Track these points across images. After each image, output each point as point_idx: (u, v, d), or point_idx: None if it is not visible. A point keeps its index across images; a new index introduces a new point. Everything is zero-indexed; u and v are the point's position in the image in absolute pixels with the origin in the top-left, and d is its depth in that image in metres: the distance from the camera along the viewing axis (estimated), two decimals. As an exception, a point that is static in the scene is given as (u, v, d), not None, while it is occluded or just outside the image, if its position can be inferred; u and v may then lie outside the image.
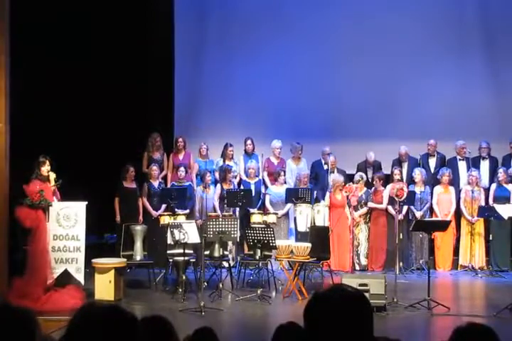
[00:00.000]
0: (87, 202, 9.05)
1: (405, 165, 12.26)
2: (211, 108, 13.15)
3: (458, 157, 12.30)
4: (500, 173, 11.66)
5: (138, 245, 10.01)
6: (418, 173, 11.51)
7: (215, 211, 11.44)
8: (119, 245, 10.18)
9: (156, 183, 11.56)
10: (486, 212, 11.03)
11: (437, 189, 11.84)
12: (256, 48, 13.10)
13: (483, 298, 10.09)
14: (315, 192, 11.63)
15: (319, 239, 9.87)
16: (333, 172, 11.78)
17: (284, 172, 11.93)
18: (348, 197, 11.05)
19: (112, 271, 8.97)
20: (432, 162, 12.42)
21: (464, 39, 12.90)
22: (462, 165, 12.24)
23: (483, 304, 9.45)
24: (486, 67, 12.84)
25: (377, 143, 12.44)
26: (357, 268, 11.46)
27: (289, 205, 11.52)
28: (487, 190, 11.83)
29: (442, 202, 11.77)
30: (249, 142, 12.28)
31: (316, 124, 12.74)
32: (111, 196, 11.17)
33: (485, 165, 12.25)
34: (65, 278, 8.94)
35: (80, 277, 8.98)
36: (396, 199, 9.45)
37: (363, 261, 11.51)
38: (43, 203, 8.63)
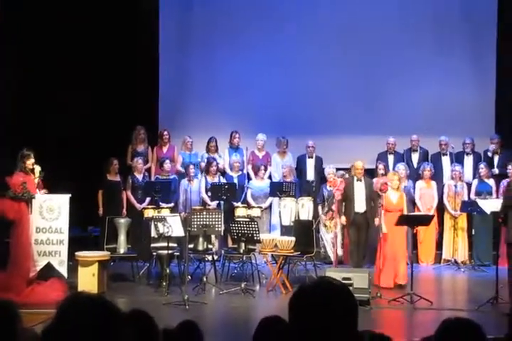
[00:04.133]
0: (70, 195, 8.99)
1: (390, 160, 12.32)
2: (196, 101, 13.11)
3: (441, 152, 12.37)
4: (482, 168, 11.75)
5: (122, 238, 9.98)
6: (402, 168, 11.54)
7: (203, 203, 11.41)
8: (102, 238, 10.14)
9: (140, 176, 11.52)
10: (469, 207, 11.09)
11: (419, 184, 11.90)
12: (242, 42, 13.06)
13: (466, 292, 10.15)
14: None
15: (303, 232, 9.89)
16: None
17: (266, 166, 11.95)
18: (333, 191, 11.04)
19: (96, 264, 8.93)
20: (415, 157, 12.49)
21: (447, 35, 12.97)
22: (446, 161, 12.32)
23: (466, 298, 9.51)
24: (470, 63, 12.90)
25: (362, 138, 12.48)
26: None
27: (271, 199, 11.54)
28: (470, 185, 11.91)
29: (425, 196, 11.83)
30: (236, 135, 12.26)
31: (302, 119, 12.73)
32: (95, 189, 11.11)
33: (469, 160, 12.34)
34: (48, 271, 8.89)
35: (63, 270, 8.94)
36: (380, 193, 9.50)
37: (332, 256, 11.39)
38: (25, 195, 8.57)
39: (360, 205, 10.17)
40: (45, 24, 11.80)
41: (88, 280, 8.82)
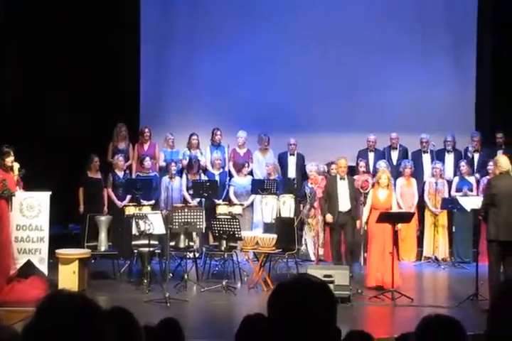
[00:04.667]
0: (51, 192, 8.95)
1: (371, 157, 12.37)
2: (177, 98, 13.09)
3: (422, 150, 12.43)
4: (463, 166, 11.82)
5: (102, 236, 9.93)
6: (383, 165, 11.56)
7: (185, 201, 11.40)
8: (83, 236, 10.08)
9: (121, 174, 11.48)
10: (449, 204, 11.16)
11: (400, 181, 11.95)
12: (223, 40, 13.05)
13: (446, 288, 10.22)
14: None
15: (285, 230, 9.89)
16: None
17: (249, 163, 11.95)
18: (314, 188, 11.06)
19: (76, 262, 8.89)
20: (395, 155, 12.55)
21: (427, 34, 13.04)
22: (426, 158, 12.38)
23: (446, 295, 9.58)
24: (450, 60, 13.00)
25: (343, 136, 12.52)
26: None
27: (253, 196, 11.54)
28: (451, 183, 11.98)
29: (406, 194, 11.89)
30: (218, 132, 12.26)
31: (284, 116, 12.75)
32: (75, 186, 11.07)
33: (449, 158, 12.42)
34: (28, 268, 8.84)
35: (43, 268, 8.89)
36: (361, 191, 9.47)
37: (312, 253, 11.40)
38: (5, 193, 8.51)
39: (344, 204, 9.98)
40: (28, 22, 11.72)
41: (69, 278, 8.78)
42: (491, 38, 12.77)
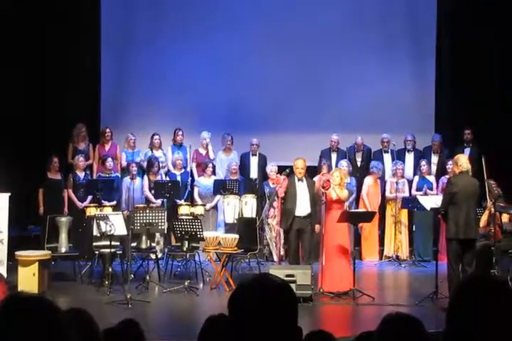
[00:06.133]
0: (10, 194, 8.84)
1: (333, 157, 12.44)
2: (139, 98, 13.01)
3: (383, 149, 12.54)
4: (424, 165, 11.95)
5: (63, 237, 9.85)
6: (345, 164, 11.63)
7: (147, 202, 11.34)
8: (43, 237, 9.99)
9: (81, 174, 11.38)
10: (409, 204, 11.27)
11: (368, 180, 11.99)
12: (186, 38, 13.00)
13: (407, 287, 10.32)
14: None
15: (247, 230, 9.90)
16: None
17: (212, 163, 11.92)
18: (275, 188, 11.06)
19: (36, 264, 8.79)
20: (359, 156, 12.64)
21: (389, 33, 13.15)
22: (387, 158, 12.50)
23: (407, 293, 9.68)
24: (411, 60, 13.14)
25: (305, 135, 12.58)
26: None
27: (218, 197, 11.51)
28: (411, 182, 12.11)
29: (371, 194, 11.94)
30: (180, 133, 12.22)
31: (246, 116, 12.77)
32: (35, 187, 10.95)
33: (410, 157, 12.55)
34: (-13, 271, 8.72)
35: (2, 270, 8.78)
36: (322, 190, 9.36)
37: (275, 253, 11.33)
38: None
39: (301, 209, 9.39)
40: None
41: (28, 280, 8.68)
42: (451, 36, 12.94)
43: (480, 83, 12.43)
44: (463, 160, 8.43)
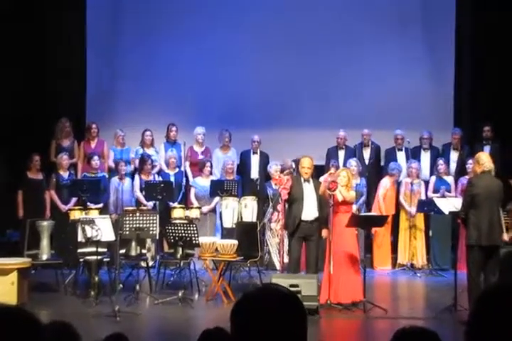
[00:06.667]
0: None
1: (341, 155, 12.44)
2: (129, 91, 13.02)
3: (397, 147, 12.52)
4: (441, 165, 11.91)
5: (44, 243, 9.85)
6: (354, 164, 11.62)
7: (138, 204, 11.34)
8: (22, 243, 10.01)
9: (65, 174, 11.40)
10: (425, 206, 11.26)
11: (385, 182, 11.97)
12: (180, 29, 13.00)
13: (423, 298, 10.31)
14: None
15: (247, 235, 9.88)
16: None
17: (210, 162, 11.90)
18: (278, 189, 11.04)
19: (15, 273, 8.78)
20: (366, 153, 12.63)
21: (404, 25, 13.18)
22: (401, 156, 12.47)
23: (423, 305, 9.64)
24: (427, 51, 13.13)
25: (311, 132, 12.58)
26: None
27: (217, 199, 11.49)
28: (427, 183, 12.08)
29: (389, 199, 11.91)
30: (173, 128, 12.22)
31: (246, 111, 12.79)
32: (14, 188, 10.95)
33: (426, 156, 12.52)
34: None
35: (-22, 279, 8.78)
36: (329, 192, 9.26)
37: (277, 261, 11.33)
38: None
39: (308, 212, 9.16)
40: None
41: (6, 291, 8.67)
42: (472, 24, 12.93)
43: (503, 75, 12.41)
44: (485, 159, 8.35)
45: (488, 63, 12.57)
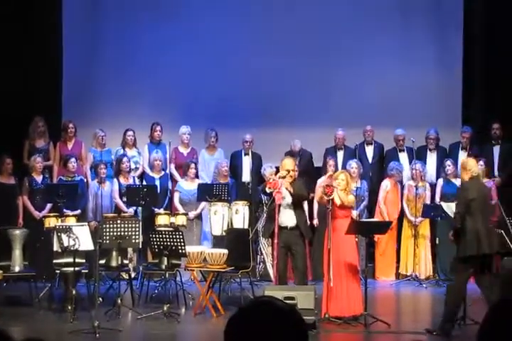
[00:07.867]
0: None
1: (340, 155, 12.40)
2: (109, 87, 13.01)
3: (398, 148, 12.49)
4: (449, 166, 11.84)
5: (16, 253, 9.82)
6: (354, 166, 11.58)
7: (118, 211, 11.30)
8: (-8, 254, 9.97)
9: (39, 178, 11.38)
10: (432, 212, 11.25)
11: (386, 184, 11.97)
12: (167, 22, 12.99)
13: (428, 311, 10.33)
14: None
15: (238, 244, 9.87)
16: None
17: (196, 163, 11.87)
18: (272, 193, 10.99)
19: (-15, 285, 8.77)
20: (369, 151, 12.59)
21: (408, 19, 13.20)
22: (403, 157, 12.44)
23: (428, 319, 9.63)
24: (433, 45, 13.15)
25: (308, 131, 12.56)
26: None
27: (204, 205, 11.48)
28: (434, 186, 12.06)
29: (391, 202, 11.90)
30: (158, 128, 12.20)
31: (237, 109, 12.78)
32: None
33: (432, 157, 12.49)
34: None
35: None
36: (325, 197, 9.22)
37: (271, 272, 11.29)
38: None
39: (284, 218, 9.14)
40: None
41: (-25, 305, 8.65)
42: (483, 10, 12.93)
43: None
44: (472, 164, 8.46)
45: (502, 53, 12.52)
